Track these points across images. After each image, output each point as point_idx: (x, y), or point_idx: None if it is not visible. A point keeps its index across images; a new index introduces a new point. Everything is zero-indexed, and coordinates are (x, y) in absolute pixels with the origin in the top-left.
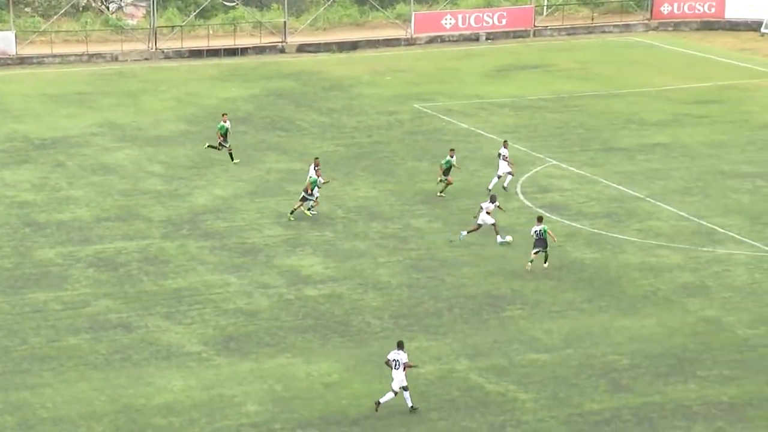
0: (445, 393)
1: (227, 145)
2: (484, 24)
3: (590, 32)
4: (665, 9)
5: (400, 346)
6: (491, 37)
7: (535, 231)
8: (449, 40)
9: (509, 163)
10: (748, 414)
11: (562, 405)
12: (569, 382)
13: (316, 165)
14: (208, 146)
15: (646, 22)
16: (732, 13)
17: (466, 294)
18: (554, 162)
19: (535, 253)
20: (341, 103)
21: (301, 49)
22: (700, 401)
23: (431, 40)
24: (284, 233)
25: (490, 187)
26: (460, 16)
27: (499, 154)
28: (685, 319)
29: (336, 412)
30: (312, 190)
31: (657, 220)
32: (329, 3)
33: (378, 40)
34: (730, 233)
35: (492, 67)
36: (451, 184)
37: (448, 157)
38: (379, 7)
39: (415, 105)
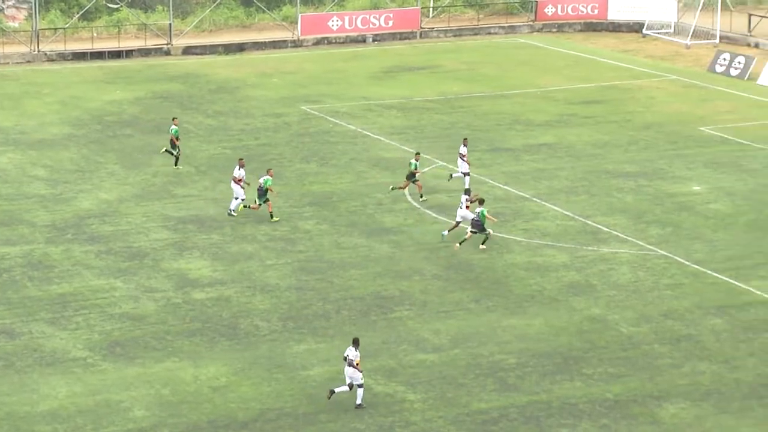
0: (334, 395)
1: (177, 151)
2: (371, 26)
3: (476, 33)
4: (549, 10)
5: (355, 343)
6: (378, 38)
7: (476, 212)
8: (336, 42)
9: (466, 162)
10: (632, 411)
11: (450, 405)
12: (457, 382)
13: (241, 165)
14: (165, 151)
15: (531, 23)
16: (614, 15)
17: (354, 295)
18: (442, 163)
19: (470, 234)
20: (228, 106)
21: (187, 51)
22: (585, 399)
23: (318, 42)
24: (171, 237)
25: (467, 186)
26: (346, 18)
27: (460, 154)
28: (571, 318)
29: (224, 416)
30: (267, 191)
31: (543, 220)
32: (215, 5)
33: (265, 41)
34: (614, 232)
35: (379, 68)
36: (407, 186)
37: (413, 161)
38: (265, 9)
39: (302, 107)
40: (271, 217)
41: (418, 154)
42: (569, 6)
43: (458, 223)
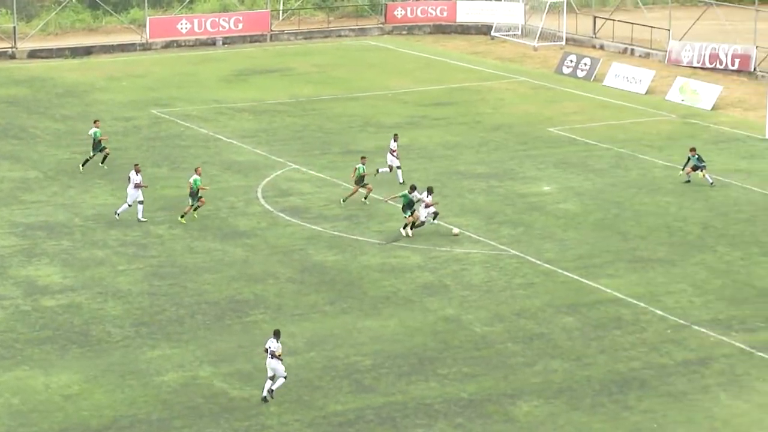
0: (188, 400)
1: (93, 155)
2: (221, 28)
3: (327, 36)
4: (399, 13)
5: (276, 334)
6: (228, 41)
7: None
8: (186, 45)
9: (396, 157)
10: (486, 409)
11: (306, 408)
12: (313, 385)
13: (137, 170)
14: (102, 156)
15: (381, 26)
16: (463, 17)
17: (208, 300)
18: (294, 166)
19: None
20: (76, 110)
21: (33, 54)
22: (440, 399)
23: (167, 45)
24: (19, 243)
25: (401, 181)
26: (195, 21)
27: (390, 149)
28: (426, 319)
29: (77, 424)
30: (197, 192)
31: (396, 221)
32: (60, 7)
33: (113, 45)
34: (466, 233)
35: (230, 71)
36: (371, 190)
37: (360, 165)
38: (112, 12)
39: (152, 110)
40: (182, 216)
41: (363, 158)
42: (418, 9)
43: (423, 222)
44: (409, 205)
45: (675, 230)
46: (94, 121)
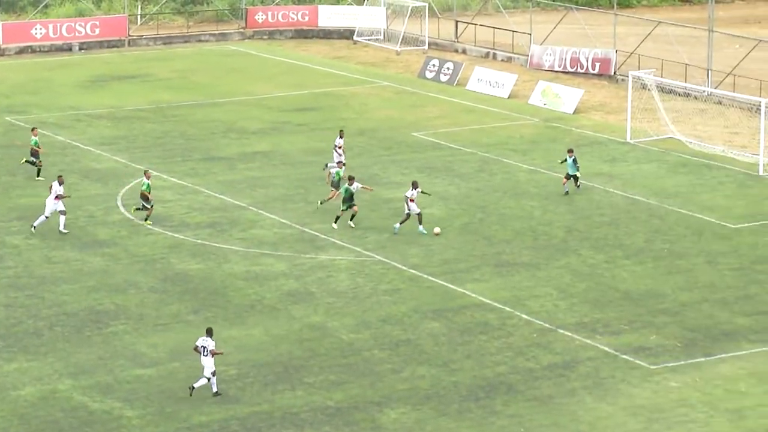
0: (47, 414)
1: (35, 161)
2: (77, 34)
3: (187, 41)
4: (260, 18)
5: (208, 332)
6: (85, 47)
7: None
8: (40, 51)
9: (340, 155)
10: (353, 417)
11: (169, 420)
12: (177, 396)
13: (60, 181)
14: (25, 161)
15: (242, 30)
16: (325, 22)
17: (67, 311)
18: (155, 173)
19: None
20: None
21: None
22: (307, 408)
23: (21, 51)
24: None
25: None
26: (50, 26)
27: (335, 146)
28: (291, 327)
29: None
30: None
31: (260, 228)
32: None
33: None
34: (331, 239)
35: (87, 77)
36: (335, 195)
37: (338, 169)
38: None
39: (6, 117)
40: (146, 219)
41: (340, 163)
42: (280, 13)
43: (408, 215)
44: (349, 198)
45: (539, 234)
46: (32, 129)
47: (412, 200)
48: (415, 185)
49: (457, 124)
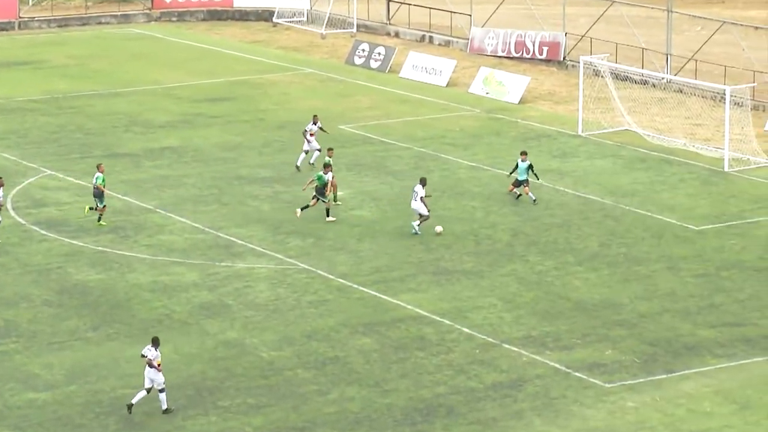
0: None
1: None
2: None
3: (85, 24)
4: None
5: (154, 342)
6: None
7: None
8: None
9: (309, 141)
10: None
11: None
12: (74, 423)
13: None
14: None
15: (148, 11)
16: (241, 2)
17: None
18: (50, 172)
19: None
20: None
21: None
22: None
23: None
24: None
25: (298, 164)
26: None
27: (305, 131)
28: (204, 344)
29: None
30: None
31: (169, 234)
32: None
33: None
34: (250, 245)
35: None
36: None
37: (327, 158)
38: None
39: None
40: (99, 219)
41: (330, 149)
42: None
43: (427, 216)
44: (324, 187)
45: (482, 238)
46: None
47: (421, 198)
48: (423, 182)
49: (389, 115)
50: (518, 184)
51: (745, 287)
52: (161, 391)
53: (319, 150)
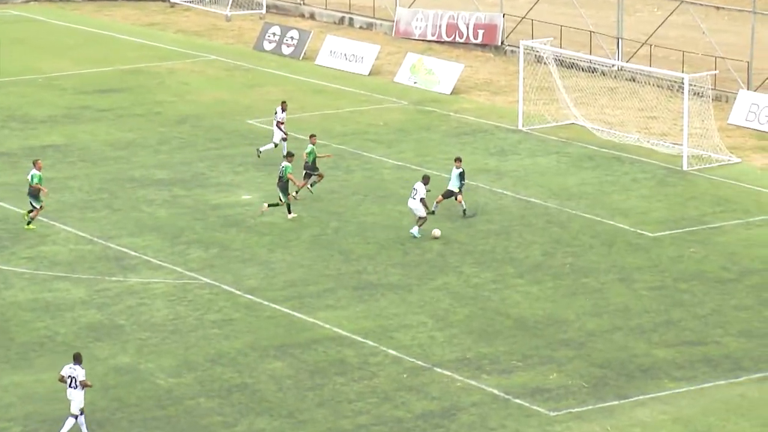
0: None
1: None
2: None
3: None
4: None
5: (76, 359)
6: None
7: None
8: None
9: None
10: None
11: None
12: None
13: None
14: None
15: None
16: None
17: None
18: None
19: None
20: None
21: None
22: None
23: None
24: None
25: (261, 150)
26: None
27: (277, 121)
28: (93, 370)
29: None
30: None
31: (52, 245)
32: None
33: None
34: (145, 257)
35: None
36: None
37: (311, 146)
38: None
39: None
40: (28, 223)
41: (313, 136)
42: None
43: (425, 218)
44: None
45: (411, 247)
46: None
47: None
48: (426, 180)
49: (304, 108)
50: (449, 194)
51: (706, 301)
52: (82, 412)
53: (279, 143)
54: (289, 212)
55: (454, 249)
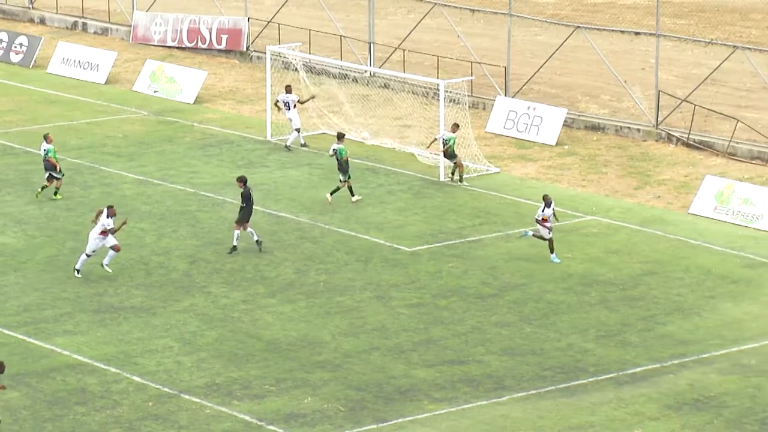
0: None
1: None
2: None
3: None
4: None
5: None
6: None
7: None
8: None
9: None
10: None
11: None
12: None
13: None
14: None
15: None
16: None
17: None
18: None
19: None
20: None
21: None
22: None
23: None
24: None
25: (288, 143)
26: None
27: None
28: None
29: None
30: None
31: None
32: None
33: None
34: None
35: None
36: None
37: (451, 134)
38: None
39: None
40: (55, 193)
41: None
42: None
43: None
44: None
45: (154, 267)
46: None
47: (545, 221)
48: (548, 202)
49: (35, 119)
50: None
51: (467, 318)
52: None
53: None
54: (352, 194)
55: (201, 268)
